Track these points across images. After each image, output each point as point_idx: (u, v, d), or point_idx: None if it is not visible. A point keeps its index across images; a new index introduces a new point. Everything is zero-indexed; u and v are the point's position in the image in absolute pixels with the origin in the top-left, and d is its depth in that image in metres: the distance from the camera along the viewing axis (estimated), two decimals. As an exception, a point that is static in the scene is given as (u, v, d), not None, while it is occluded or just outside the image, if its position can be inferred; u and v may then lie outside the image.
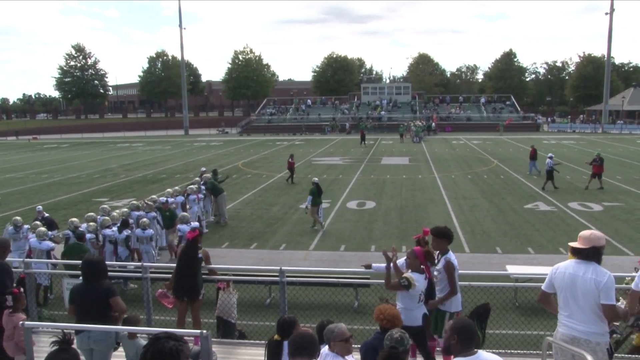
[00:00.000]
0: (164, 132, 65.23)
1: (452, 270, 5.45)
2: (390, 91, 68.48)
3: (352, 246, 12.66)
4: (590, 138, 46.15)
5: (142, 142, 51.79)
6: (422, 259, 5.37)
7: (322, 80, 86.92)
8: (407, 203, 17.71)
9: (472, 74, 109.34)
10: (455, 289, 5.49)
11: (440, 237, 5.58)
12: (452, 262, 5.47)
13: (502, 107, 63.69)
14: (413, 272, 5.34)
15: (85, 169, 29.27)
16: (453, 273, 5.46)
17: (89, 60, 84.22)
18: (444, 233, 5.60)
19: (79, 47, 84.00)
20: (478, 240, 12.88)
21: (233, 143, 47.12)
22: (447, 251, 5.58)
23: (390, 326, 4.25)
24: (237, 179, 24.04)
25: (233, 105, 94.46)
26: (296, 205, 17.73)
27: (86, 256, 5.21)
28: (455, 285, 5.49)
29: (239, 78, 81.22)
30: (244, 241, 13.35)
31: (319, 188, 14.32)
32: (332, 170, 26.15)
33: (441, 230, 5.63)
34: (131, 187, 22.31)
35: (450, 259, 5.49)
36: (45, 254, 9.14)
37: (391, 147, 39.39)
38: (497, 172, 24.60)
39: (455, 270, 5.48)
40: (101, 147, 45.98)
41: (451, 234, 5.64)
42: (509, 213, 15.85)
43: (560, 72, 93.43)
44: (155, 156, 36.20)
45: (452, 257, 5.52)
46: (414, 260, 5.40)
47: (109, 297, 4.82)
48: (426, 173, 24.96)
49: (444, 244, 5.60)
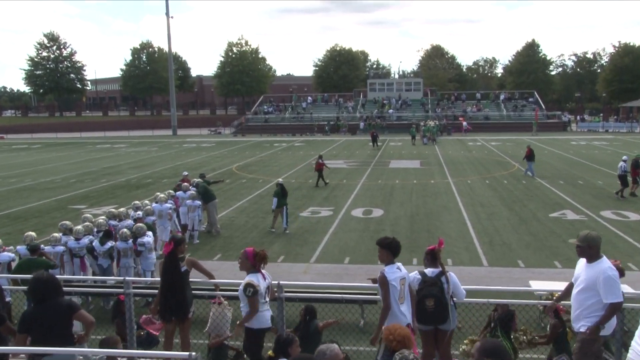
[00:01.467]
0: (149, 132, 65.47)
1: (384, 284, 5.57)
2: (400, 87, 68.68)
3: (358, 258, 12.65)
4: (626, 138, 46.03)
5: (125, 143, 51.85)
6: (252, 259, 5.78)
7: (324, 75, 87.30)
8: (418, 211, 17.72)
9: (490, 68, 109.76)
10: (388, 304, 5.58)
11: (383, 247, 5.73)
12: (385, 276, 5.58)
13: (524, 105, 63.74)
14: (249, 274, 5.79)
15: (60, 173, 29.35)
16: (385, 287, 5.57)
17: (63, 51, 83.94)
18: (386, 243, 5.72)
19: (53, 36, 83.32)
20: (497, 253, 12.86)
21: (226, 144, 47.17)
22: (390, 264, 5.69)
23: (400, 347, 4.23)
24: (230, 184, 24.08)
25: (226, 103, 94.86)
26: (296, 212, 17.75)
27: (35, 275, 4.94)
28: (388, 301, 5.57)
29: (233, 73, 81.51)
30: (238, 252, 13.13)
31: (283, 189, 15.23)
32: (335, 175, 26.17)
33: (384, 240, 5.77)
34: (113, 193, 22.36)
35: (385, 273, 5.60)
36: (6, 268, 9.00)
37: (400, 149, 39.43)
38: (519, 177, 24.60)
39: (387, 284, 5.57)
40: (78, 149, 46.11)
41: (395, 246, 5.73)
42: (532, 222, 15.83)
43: (591, 65, 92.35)
44: (140, 158, 36.27)
45: (388, 271, 5.62)
46: (244, 261, 5.87)
47: (72, 313, 4.71)
48: (439, 177, 24.97)
49: (387, 256, 5.71)
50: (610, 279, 5.10)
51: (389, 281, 5.57)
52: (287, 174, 26.93)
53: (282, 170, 28.70)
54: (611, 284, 5.10)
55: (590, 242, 5.25)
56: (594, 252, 5.26)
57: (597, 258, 5.25)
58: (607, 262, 5.27)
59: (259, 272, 5.99)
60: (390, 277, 5.59)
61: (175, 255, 6.46)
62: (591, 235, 5.28)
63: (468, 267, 11.75)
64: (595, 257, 5.26)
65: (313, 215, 17.44)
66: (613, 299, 5.09)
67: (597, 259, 5.25)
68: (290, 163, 31.80)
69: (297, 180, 25.01)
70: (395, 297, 5.62)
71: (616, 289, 5.12)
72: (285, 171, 28.17)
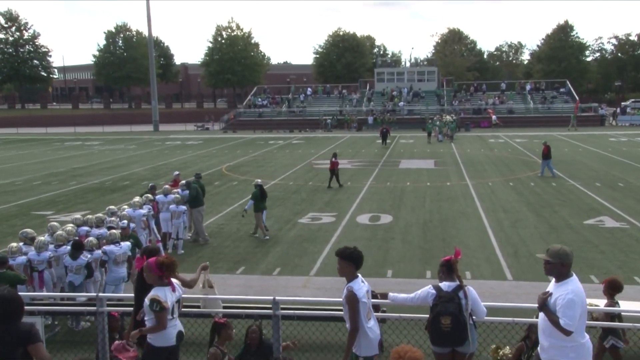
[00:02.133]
0: (126, 127, 65.65)
1: (354, 303, 5.58)
2: (411, 77, 68.88)
3: (364, 271, 12.27)
4: (677, 134, 45.98)
5: (99, 140, 51.93)
6: (157, 270, 5.85)
7: (325, 64, 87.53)
8: (432, 217, 17.74)
9: (515, 55, 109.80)
10: (358, 325, 5.59)
11: (344, 258, 5.73)
12: (355, 294, 5.59)
13: (554, 96, 63.82)
14: (156, 287, 5.89)
15: (22, 174, 29.41)
16: (355, 306, 5.57)
17: (24, 33, 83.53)
18: (347, 254, 5.73)
19: (11, 16, 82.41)
20: (523, 265, 12.86)
21: (215, 142, 47.21)
22: (354, 278, 5.71)
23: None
24: (219, 186, 24.11)
25: (215, 95, 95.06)
26: (294, 219, 17.78)
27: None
28: (358, 321, 5.58)
29: (222, 61, 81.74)
30: (228, 264, 13.39)
31: (262, 191, 15.54)
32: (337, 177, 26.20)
33: (345, 251, 5.78)
34: (84, 197, 22.38)
35: (354, 289, 5.60)
36: None
37: (412, 147, 39.47)
38: (548, 179, 24.62)
39: (358, 303, 5.58)
40: (44, 146, 46.21)
41: (358, 257, 5.76)
42: (563, 230, 15.84)
43: (635, 49, 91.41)
44: (116, 158, 36.34)
45: (356, 287, 5.64)
46: (148, 274, 5.95)
47: (27, 343, 4.58)
48: (456, 179, 25.01)
49: (349, 269, 5.74)
50: (569, 301, 5.05)
51: (359, 299, 5.60)
52: (283, 175, 26.99)
53: (279, 171, 28.74)
54: (568, 306, 5.05)
55: (563, 259, 5.20)
56: (565, 270, 5.22)
57: (565, 277, 5.22)
58: (577, 283, 5.22)
59: (168, 284, 6.02)
60: (359, 294, 5.62)
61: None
62: (564, 251, 5.22)
63: (489, 281, 11.75)
64: (566, 275, 5.22)
65: (313, 222, 17.45)
66: (562, 321, 5.05)
67: (567, 278, 5.22)
68: (287, 163, 31.85)
69: (295, 182, 25.04)
70: (364, 314, 5.68)
71: (570, 313, 5.04)
72: (282, 172, 28.22)
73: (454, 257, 5.95)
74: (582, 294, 5.18)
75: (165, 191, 15.03)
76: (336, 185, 23.34)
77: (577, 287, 5.18)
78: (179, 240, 14.46)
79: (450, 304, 5.72)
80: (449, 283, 5.90)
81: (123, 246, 10.49)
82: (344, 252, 5.78)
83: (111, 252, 10.30)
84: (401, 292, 6.73)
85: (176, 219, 14.43)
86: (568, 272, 5.22)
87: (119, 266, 10.39)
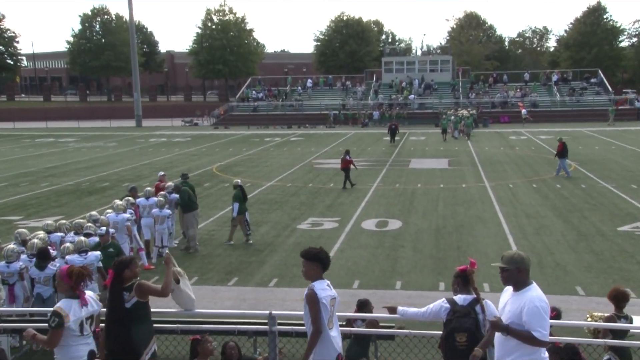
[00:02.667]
0: (106, 122, 65.67)
1: (314, 303, 5.72)
2: (423, 67, 68.99)
3: (370, 282, 12.69)
4: None
5: (75, 136, 51.97)
6: (68, 279, 5.97)
7: (327, 52, 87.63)
8: (445, 222, 17.75)
9: (540, 41, 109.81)
10: (320, 327, 5.71)
11: (310, 259, 5.90)
12: (316, 293, 5.74)
13: (584, 88, 63.76)
14: (64, 299, 5.97)
15: (-9, 175, 29.44)
16: (316, 306, 5.71)
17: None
18: (313, 254, 5.91)
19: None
20: (549, 277, 12.86)
21: (205, 139, 47.26)
22: (319, 279, 5.87)
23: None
24: (210, 188, 24.13)
25: (204, 87, 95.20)
26: (293, 224, 17.79)
27: None
28: (319, 322, 5.70)
29: (213, 49, 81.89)
30: (219, 275, 13.41)
31: (243, 192, 15.96)
32: (341, 177, 26.13)
33: (311, 251, 5.96)
34: (58, 201, 22.40)
35: (315, 288, 5.77)
36: None
37: (424, 145, 39.50)
38: (577, 180, 24.63)
39: (318, 303, 5.71)
40: (11, 142, 46.26)
41: (325, 258, 5.92)
42: (594, 238, 15.83)
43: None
44: (94, 156, 36.39)
45: (318, 287, 5.80)
46: (59, 282, 6.08)
47: None
48: (473, 181, 25.04)
49: (315, 271, 5.89)
50: (536, 309, 5.10)
51: (319, 299, 5.73)
52: (281, 176, 27.03)
53: (275, 171, 28.76)
54: (538, 315, 5.09)
55: (520, 265, 5.24)
56: (522, 277, 5.27)
57: (525, 285, 5.27)
58: (537, 290, 5.27)
59: (79, 296, 6.02)
60: (320, 294, 5.76)
61: (120, 285, 6.37)
62: (520, 256, 5.27)
63: (511, 294, 11.74)
64: (524, 283, 5.27)
65: (314, 228, 17.48)
66: (537, 333, 5.08)
67: (526, 286, 5.26)
68: (285, 162, 31.89)
69: (294, 184, 25.07)
70: (325, 319, 5.77)
71: (543, 323, 5.10)
72: (279, 172, 28.25)
73: (470, 267, 5.95)
74: (546, 300, 5.25)
75: (147, 194, 15.03)
76: (348, 186, 23.65)
77: (541, 294, 5.26)
78: (163, 248, 14.45)
79: (466, 320, 5.72)
80: (464, 296, 5.91)
81: (89, 257, 10.29)
82: (309, 252, 5.95)
83: (72, 262, 9.92)
84: (411, 306, 6.73)
85: (160, 224, 14.41)
86: (526, 279, 5.27)
87: None
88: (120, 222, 13.18)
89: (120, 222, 13.18)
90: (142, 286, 6.37)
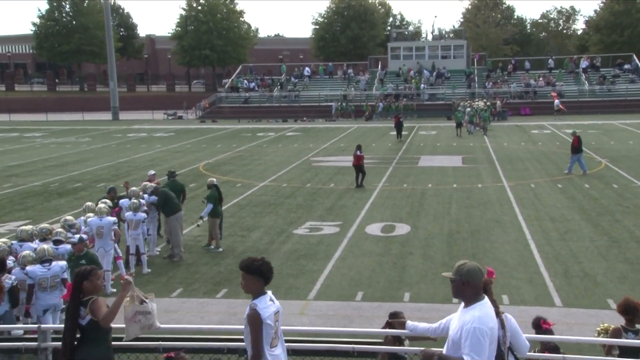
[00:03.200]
0: (78, 115, 65.53)
1: (256, 325, 5.67)
2: (434, 53, 68.98)
3: (375, 293, 12.68)
4: None
5: (42, 130, 51.81)
6: None
7: (327, 37, 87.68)
8: (459, 227, 17.74)
9: (567, 23, 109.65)
10: (259, 352, 5.67)
11: (251, 272, 5.78)
12: (259, 313, 5.67)
13: (616, 75, 63.52)
14: None
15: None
16: (258, 328, 5.66)
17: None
18: (255, 267, 5.77)
19: None
20: (576, 288, 12.84)
21: (190, 134, 47.20)
22: (261, 294, 5.80)
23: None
24: (196, 189, 24.10)
25: (189, 76, 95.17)
26: (289, 229, 17.77)
27: None
28: (259, 347, 5.67)
29: (199, 33, 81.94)
30: (206, 286, 13.37)
31: (219, 192, 16.18)
32: (342, 177, 26.22)
33: (252, 264, 5.80)
34: (23, 203, 22.34)
35: (258, 308, 5.69)
36: None
37: (435, 140, 39.50)
38: (607, 179, 24.62)
39: (261, 325, 5.66)
40: (-22, 140, 46.15)
41: (268, 271, 5.82)
42: (627, 244, 15.80)
43: None
44: (64, 154, 36.33)
45: (261, 305, 5.74)
46: None
47: None
48: (490, 180, 25.03)
49: (257, 284, 5.80)
50: (472, 331, 4.97)
51: (262, 320, 5.69)
52: (275, 176, 27.01)
53: (269, 170, 28.74)
54: (472, 338, 4.96)
55: (466, 277, 5.11)
56: (469, 292, 5.15)
57: (475, 301, 5.15)
58: (483, 309, 5.13)
59: None
60: (264, 313, 5.71)
61: (78, 298, 6.27)
62: (469, 267, 5.14)
63: (533, 308, 11.69)
64: (471, 299, 5.16)
65: (312, 234, 17.45)
66: (467, 357, 4.96)
67: (475, 302, 5.15)
68: (280, 160, 31.87)
69: (289, 184, 25.05)
70: (269, 339, 5.76)
71: (477, 348, 4.95)
72: (274, 171, 28.23)
73: (487, 277, 5.91)
74: (488, 320, 5.07)
75: (132, 194, 14.98)
76: (365, 183, 23.80)
77: (483, 313, 5.07)
78: (142, 256, 14.34)
79: None
80: None
81: (53, 267, 9.97)
82: (250, 265, 5.81)
83: (33, 273, 9.78)
84: (422, 320, 6.70)
85: (133, 229, 14.22)
86: (474, 294, 5.14)
87: (47, 292, 9.91)
88: (106, 227, 13.01)
89: (105, 227, 12.99)
90: (94, 304, 6.21)
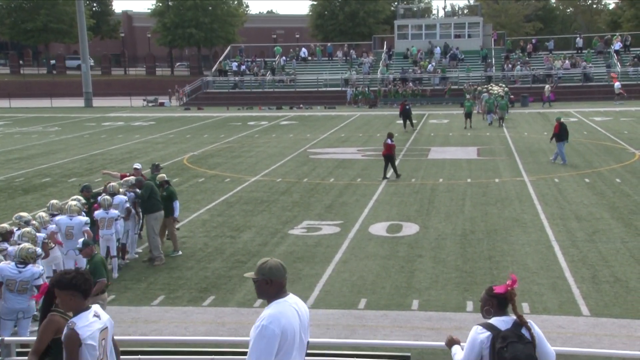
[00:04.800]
0: (46, 101, 65.44)
1: (71, 346, 5.56)
2: (446, 32, 68.92)
3: (380, 301, 12.67)
4: None
5: (5, 118, 51.77)
6: None
7: (326, 14, 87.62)
8: (474, 227, 17.74)
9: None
10: None
11: (65, 288, 5.69)
12: (77, 333, 5.56)
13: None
14: None
15: None
16: (74, 351, 5.56)
17: None
18: (67, 282, 5.67)
19: None
20: (606, 295, 12.83)
21: (173, 123, 47.16)
22: (81, 311, 5.70)
23: None
24: (180, 184, 24.07)
25: (172, 57, 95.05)
26: (283, 229, 17.74)
27: None
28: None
29: (182, 9, 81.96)
30: (192, 293, 13.35)
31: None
32: (344, 171, 26.24)
33: (62, 279, 5.73)
34: (-13, 200, 22.38)
35: (76, 327, 5.58)
36: None
37: (446, 130, 39.48)
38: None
39: (80, 346, 5.55)
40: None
41: (84, 282, 5.73)
42: (662, 246, 15.84)
43: None
44: (30, 144, 36.29)
45: (80, 324, 5.61)
46: None
47: None
48: (508, 174, 25.03)
49: (74, 300, 5.70)
50: (255, 329, 5.09)
51: (82, 341, 5.57)
52: (268, 170, 26.99)
53: (261, 163, 28.73)
54: (254, 337, 5.08)
55: (267, 275, 5.26)
56: (274, 290, 5.30)
57: (274, 298, 5.29)
58: (277, 307, 5.22)
59: None
60: (84, 333, 5.58)
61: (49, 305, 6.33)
62: (272, 265, 5.30)
63: (557, 317, 11.73)
64: (274, 297, 5.29)
65: (309, 234, 17.45)
66: None
67: (274, 300, 5.28)
68: (274, 152, 31.87)
69: (284, 178, 25.04)
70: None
71: (256, 346, 5.05)
72: (267, 165, 28.21)
73: (511, 285, 5.87)
74: (282, 319, 5.16)
75: (111, 189, 14.98)
76: (393, 177, 24.17)
77: (278, 311, 5.20)
78: (111, 259, 14.30)
79: (520, 345, 5.61)
80: (502, 318, 5.84)
81: (25, 272, 9.96)
82: (60, 281, 5.73)
83: (1, 271, 9.87)
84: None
85: (106, 229, 14.20)
86: (277, 292, 5.31)
87: (16, 294, 9.93)
88: (77, 227, 13.01)
89: (76, 227, 13.01)
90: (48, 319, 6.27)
